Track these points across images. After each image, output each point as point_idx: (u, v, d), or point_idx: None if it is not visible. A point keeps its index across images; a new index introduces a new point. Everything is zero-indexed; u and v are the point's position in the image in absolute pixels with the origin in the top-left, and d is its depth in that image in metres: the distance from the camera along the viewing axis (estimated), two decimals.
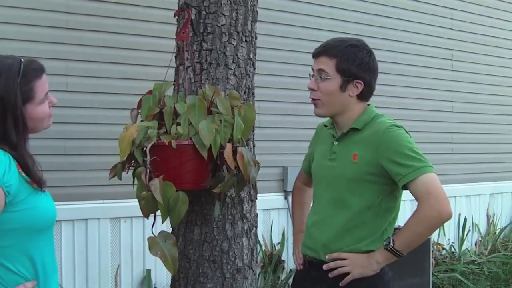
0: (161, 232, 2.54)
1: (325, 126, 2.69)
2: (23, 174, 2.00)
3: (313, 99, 2.54)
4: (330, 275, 2.48)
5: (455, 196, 6.76)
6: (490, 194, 7.45)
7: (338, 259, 2.47)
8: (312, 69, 2.54)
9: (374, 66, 2.52)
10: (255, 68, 2.97)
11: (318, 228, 2.56)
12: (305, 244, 2.65)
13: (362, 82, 2.47)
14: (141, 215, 2.48)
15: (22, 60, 2.06)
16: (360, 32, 5.91)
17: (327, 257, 2.50)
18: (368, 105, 2.58)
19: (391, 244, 2.36)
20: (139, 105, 2.64)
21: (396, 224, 2.58)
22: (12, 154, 1.98)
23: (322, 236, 2.53)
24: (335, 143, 2.55)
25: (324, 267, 2.49)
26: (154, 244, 2.48)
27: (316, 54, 2.53)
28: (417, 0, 6.65)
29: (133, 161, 2.54)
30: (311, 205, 2.82)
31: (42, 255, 2.08)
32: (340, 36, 2.60)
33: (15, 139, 1.99)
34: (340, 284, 2.46)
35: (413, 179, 2.31)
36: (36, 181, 2.04)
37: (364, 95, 2.51)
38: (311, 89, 2.52)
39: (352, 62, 2.45)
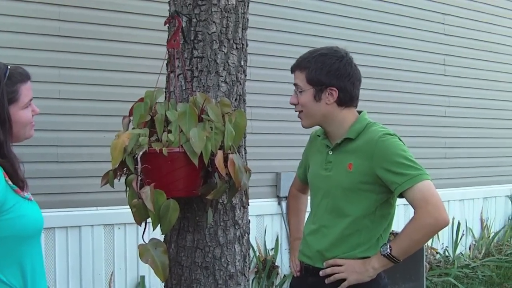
0: (152, 240, 2.54)
1: (318, 136, 2.70)
2: (10, 183, 2.01)
3: (297, 112, 2.58)
4: (326, 281, 2.49)
5: (448, 201, 6.76)
6: (483, 198, 7.48)
7: (334, 265, 2.48)
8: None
9: (348, 71, 2.49)
10: (246, 75, 2.98)
11: (315, 237, 2.57)
12: (302, 252, 2.66)
13: (335, 89, 2.47)
14: (135, 222, 2.48)
15: (9, 66, 2.11)
16: (352, 37, 5.96)
17: (324, 264, 2.51)
18: (360, 112, 2.59)
19: (388, 250, 2.37)
20: (131, 112, 2.65)
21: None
22: None
23: (319, 244, 2.54)
24: (330, 153, 2.56)
25: (321, 273, 2.51)
26: (144, 252, 2.49)
27: (292, 70, 2.59)
28: (409, 6, 6.68)
29: (125, 169, 2.54)
30: (307, 212, 2.83)
31: (32, 263, 2.09)
32: (316, 47, 2.60)
33: (2, 137, 2.02)
34: None
35: (410, 187, 2.32)
36: (20, 180, 2.05)
37: (344, 102, 2.50)
38: (293, 104, 2.58)
39: (320, 71, 2.46)
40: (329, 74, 2.46)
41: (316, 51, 2.53)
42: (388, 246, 2.38)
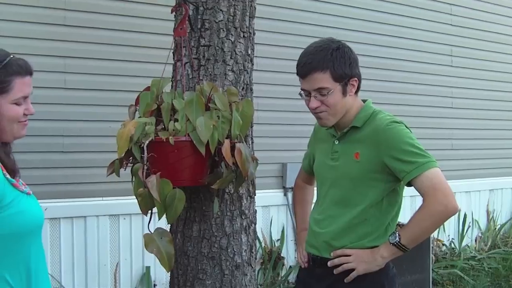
0: (157, 229, 2.53)
1: None
2: (8, 176, 1.92)
3: (318, 113, 2.47)
4: (335, 271, 2.47)
5: (455, 192, 6.66)
6: (490, 190, 7.45)
7: (342, 256, 2.46)
8: (303, 89, 2.47)
9: (357, 58, 2.49)
10: (253, 64, 2.96)
11: (322, 227, 2.55)
12: (309, 243, 2.64)
13: (356, 78, 2.46)
14: (140, 212, 2.47)
15: (13, 55, 1.99)
16: (359, 28, 5.93)
17: (332, 254, 2.49)
18: (365, 101, 2.56)
19: (397, 239, 2.35)
20: (137, 101, 2.63)
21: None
22: None
23: (326, 234, 2.52)
24: (336, 142, 2.54)
25: (329, 263, 2.49)
26: (150, 241, 2.47)
27: (306, 73, 2.44)
28: None
29: (131, 158, 2.52)
30: (313, 203, 2.81)
31: (35, 260, 2.02)
32: (311, 44, 2.51)
33: None
34: (345, 281, 2.45)
35: (418, 175, 2.30)
36: (11, 167, 1.97)
37: (359, 89, 2.51)
38: (315, 108, 2.44)
39: (344, 66, 2.41)
40: (351, 66, 2.43)
41: (325, 48, 2.42)
42: (397, 234, 2.36)
